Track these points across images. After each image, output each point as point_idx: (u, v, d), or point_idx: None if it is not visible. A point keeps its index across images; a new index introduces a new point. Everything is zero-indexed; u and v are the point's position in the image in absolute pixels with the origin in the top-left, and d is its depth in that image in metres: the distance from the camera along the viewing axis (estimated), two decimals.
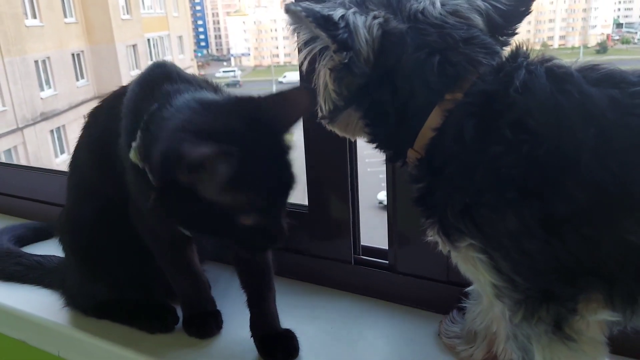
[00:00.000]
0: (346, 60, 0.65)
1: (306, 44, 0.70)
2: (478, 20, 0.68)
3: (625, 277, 0.60)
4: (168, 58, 11.53)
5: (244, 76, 12.73)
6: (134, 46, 10.36)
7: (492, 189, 0.61)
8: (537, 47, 0.66)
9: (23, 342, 1.11)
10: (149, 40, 10.97)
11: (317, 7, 0.66)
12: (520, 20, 0.71)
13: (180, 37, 12.29)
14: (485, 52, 0.65)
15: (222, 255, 1.13)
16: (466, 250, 0.66)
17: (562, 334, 0.63)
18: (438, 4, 0.67)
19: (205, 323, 0.98)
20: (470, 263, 0.67)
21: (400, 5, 0.68)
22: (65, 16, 9.25)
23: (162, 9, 11.11)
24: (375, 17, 0.66)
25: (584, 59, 0.62)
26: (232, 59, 15.11)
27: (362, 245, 1.09)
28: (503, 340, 0.75)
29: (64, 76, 9.38)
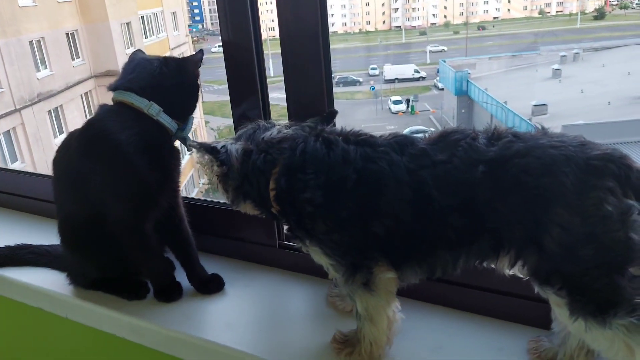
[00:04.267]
0: (226, 171, 1.09)
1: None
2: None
3: (395, 253, 1.02)
4: (162, 35, 11.68)
5: None
6: (128, 24, 10.35)
7: (302, 209, 1.03)
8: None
9: (40, 309, 1.52)
10: (142, 17, 11.08)
11: (210, 143, 1.11)
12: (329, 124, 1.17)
13: (173, 13, 12.37)
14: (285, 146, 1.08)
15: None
16: (309, 246, 1.07)
17: (368, 288, 1.04)
18: (275, 132, 1.12)
19: (172, 293, 1.38)
20: (315, 254, 1.09)
21: (255, 137, 1.14)
22: None
23: None
24: (240, 144, 1.11)
25: (581, 25, 0.97)
26: None
27: (285, 234, 1.48)
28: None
29: (60, 56, 9.43)
